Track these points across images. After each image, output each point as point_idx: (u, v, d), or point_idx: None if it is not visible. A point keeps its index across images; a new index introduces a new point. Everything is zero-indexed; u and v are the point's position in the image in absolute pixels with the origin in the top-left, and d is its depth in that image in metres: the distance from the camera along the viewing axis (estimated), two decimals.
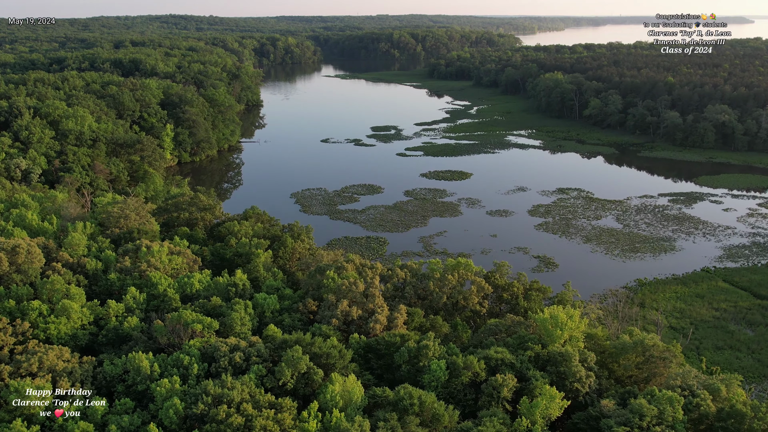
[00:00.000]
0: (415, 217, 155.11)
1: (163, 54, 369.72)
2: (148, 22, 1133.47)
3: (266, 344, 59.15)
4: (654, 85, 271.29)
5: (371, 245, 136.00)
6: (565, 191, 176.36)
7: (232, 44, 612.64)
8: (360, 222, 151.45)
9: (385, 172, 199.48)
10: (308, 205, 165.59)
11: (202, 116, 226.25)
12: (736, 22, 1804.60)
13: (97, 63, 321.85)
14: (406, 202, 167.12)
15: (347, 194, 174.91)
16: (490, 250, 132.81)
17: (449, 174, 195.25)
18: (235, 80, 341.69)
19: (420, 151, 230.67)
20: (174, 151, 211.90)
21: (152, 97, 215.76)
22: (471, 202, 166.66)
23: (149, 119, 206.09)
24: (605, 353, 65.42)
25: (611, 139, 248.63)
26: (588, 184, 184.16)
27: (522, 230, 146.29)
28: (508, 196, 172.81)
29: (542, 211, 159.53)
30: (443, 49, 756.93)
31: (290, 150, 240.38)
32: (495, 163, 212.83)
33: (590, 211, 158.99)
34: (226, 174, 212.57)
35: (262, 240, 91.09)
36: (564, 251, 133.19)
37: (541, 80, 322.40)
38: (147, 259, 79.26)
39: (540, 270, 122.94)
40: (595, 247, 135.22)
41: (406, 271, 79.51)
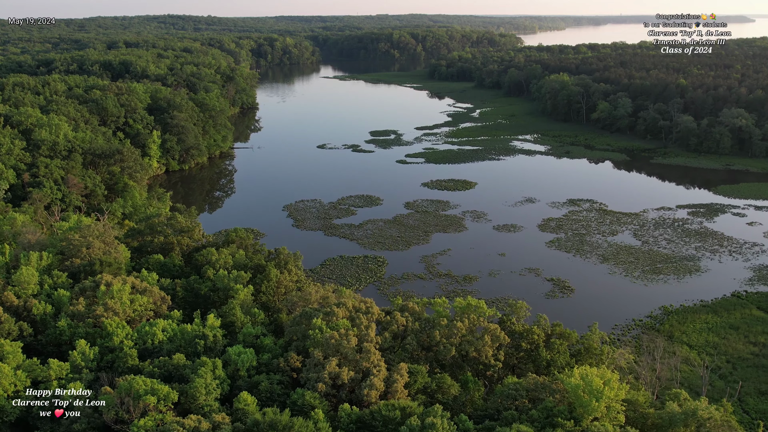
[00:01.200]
0: (416, 232, 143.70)
1: (156, 55, 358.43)
2: (145, 22, 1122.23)
3: (234, 424, 47.76)
4: (665, 87, 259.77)
5: (369, 266, 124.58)
6: (577, 203, 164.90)
7: (228, 45, 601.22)
8: (357, 239, 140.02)
9: (384, 182, 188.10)
10: (301, 219, 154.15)
11: (192, 121, 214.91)
12: (737, 21, 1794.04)
13: (85, 65, 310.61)
14: (406, 215, 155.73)
15: (344, 206, 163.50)
16: (499, 272, 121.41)
17: (452, 183, 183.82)
18: (229, 82, 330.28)
19: (421, 157, 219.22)
20: (161, 158, 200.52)
21: (138, 102, 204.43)
22: (476, 216, 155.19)
23: (135, 125, 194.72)
24: (648, 423, 54.09)
25: (621, 145, 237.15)
26: (600, 194, 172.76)
27: (532, 248, 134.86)
28: (515, 209, 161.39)
29: (553, 225, 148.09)
30: (444, 50, 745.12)
31: (285, 156, 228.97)
32: (500, 171, 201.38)
33: (605, 226, 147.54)
34: (217, 182, 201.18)
35: (242, 273, 79.68)
36: (579, 273, 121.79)
37: (546, 82, 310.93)
38: (105, 300, 67.94)
39: (554, 296, 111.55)
40: (613, 267, 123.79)
41: (407, 316, 68.08)
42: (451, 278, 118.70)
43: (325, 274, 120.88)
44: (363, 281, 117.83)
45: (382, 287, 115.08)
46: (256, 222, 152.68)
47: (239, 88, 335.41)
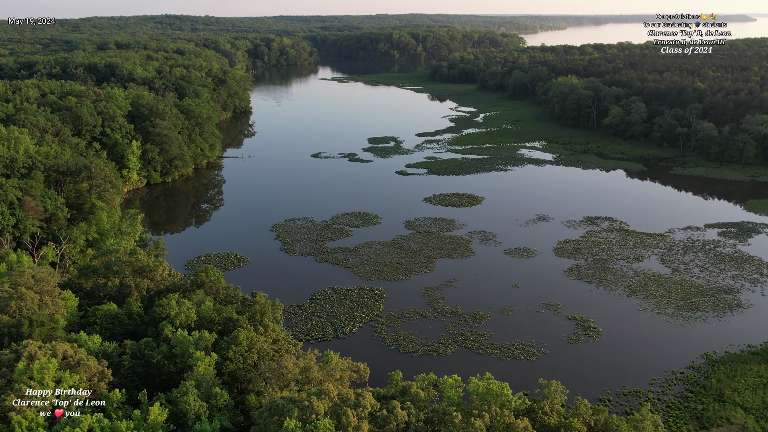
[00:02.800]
0: (418, 258, 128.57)
1: (145, 58, 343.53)
2: (142, 22, 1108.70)
3: None
4: (681, 91, 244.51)
5: (365, 300, 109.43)
6: (595, 221, 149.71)
7: (224, 46, 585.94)
8: (352, 266, 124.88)
9: (383, 196, 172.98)
10: (291, 241, 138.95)
11: (176, 129, 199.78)
12: (738, 21, 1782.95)
13: (69, 68, 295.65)
14: (407, 236, 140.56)
15: (338, 226, 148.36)
16: (512, 308, 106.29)
17: (457, 198, 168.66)
18: (221, 86, 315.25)
19: (422, 168, 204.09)
20: (142, 171, 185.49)
21: (117, 109, 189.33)
22: (484, 237, 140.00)
23: (113, 135, 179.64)
24: None
25: (636, 153, 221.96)
26: (619, 210, 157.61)
27: (549, 277, 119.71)
28: (527, 229, 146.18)
29: (570, 249, 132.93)
30: (445, 50, 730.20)
31: (276, 167, 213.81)
32: (508, 184, 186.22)
33: (628, 249, 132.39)
34: (203, 196, 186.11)
35: (206, 333, 64.57)
36: (604, 309, 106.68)
37: (553, 85, 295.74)
38: (23, 381, 52.95)
39: (578, 339, 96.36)
40: (643, 302, 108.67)
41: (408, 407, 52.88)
42: (458, 316, 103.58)
43: (315, 311, 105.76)
44: (357, 320, 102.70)
45: (380, 329, 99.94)
46: (240, 244, 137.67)
47: (231, 91, 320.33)
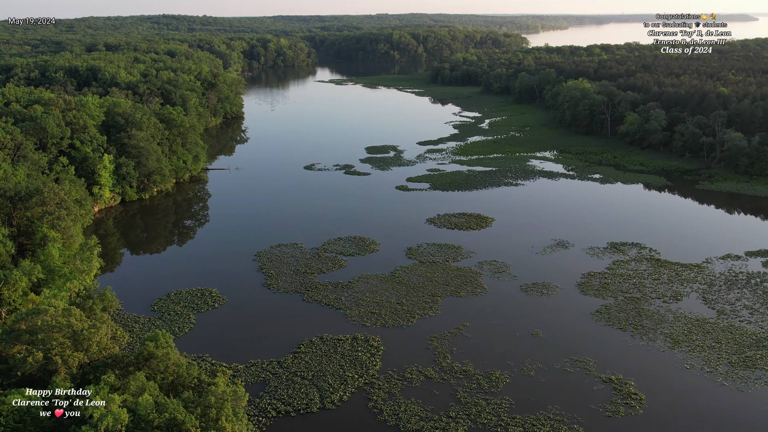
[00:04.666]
0: (421, 296, 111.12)
1: (132, 60, 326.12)
2: (138, 22, 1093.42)
3: None
4: (703, 96, 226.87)
5: (358, 355, 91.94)
6: (621, 248, 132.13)
7: (219, 46, 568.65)
8: (344, 306, 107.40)
9: (382, 217, 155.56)
10: (275, 274, 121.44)
11: (156, 140, 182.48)
12: (740, 20, 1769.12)
13: (49, 72, 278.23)
14: (408, 268, 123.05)
15: (330, 254, 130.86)
16: (535, 365, 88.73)
17: (464, 219, 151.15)
18: (211, 90, 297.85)
19: (425, 182, 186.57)
20: (116, 187, 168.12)
21: (89, 119, 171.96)
22: (497, 269, 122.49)
23: (82, 148, 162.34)
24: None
25: (656, 164, 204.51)
26: (647, 234, 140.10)
27: (575, 322, 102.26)
28: (545, 258, 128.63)
29: (596, 284, 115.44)
30: (446, 51, 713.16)
31: (265, 180, 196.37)
32: (520, 201, 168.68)
33: (663, 285, 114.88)
34: (183, 214, 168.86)
35: None
36: (644, 366, 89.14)
37: (563, 89, 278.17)
38: None
39: (616, 412, 78.72)
40: (688, 356, 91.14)
41: None
42: (470, 377, 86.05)
43: (299, 370, 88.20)
44: (349, 383, 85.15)
45: (375, 396, 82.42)
46: (217, 277, 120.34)
47: (222, 95, 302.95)
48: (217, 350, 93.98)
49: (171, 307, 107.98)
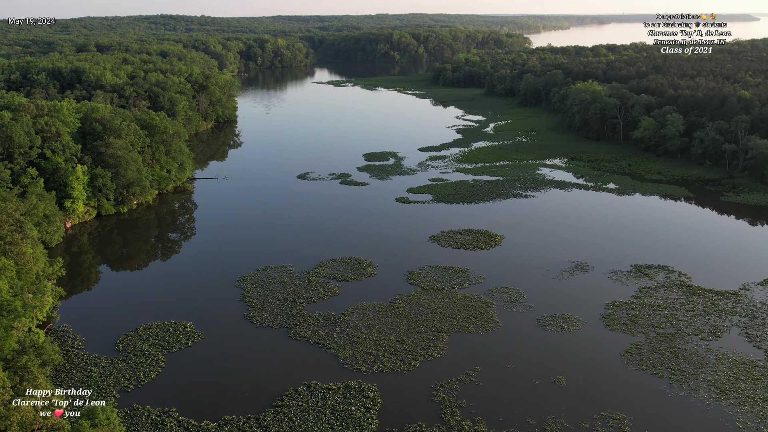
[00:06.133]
0: (423, 331, 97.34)
1: (121, 61, 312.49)
2: (136, 22, 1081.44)
3: None
4: (723, 100, 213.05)
5: (350, 410, 78.14)
6: (646, 272, 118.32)
7: (214, 47, 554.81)
8: (335, 345, 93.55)
9: (380, 234, 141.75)
10: (259, 304, 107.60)
11: (136, 149, 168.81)
12: (742, 20, 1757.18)
13: (30, 74, 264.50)
14: (409, 297, 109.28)
15: (322, 279, 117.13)
16: (560, 425, 74.87)
17: (471, 237, 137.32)
18: (202, 92, 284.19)
19: (427, 193, 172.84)
20: (90, 200, 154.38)
21: (63, 126, 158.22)
22: (509, 297, 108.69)
23: (54, 158, 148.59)
24: None
25: (675, 173, 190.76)
26: (673, 255, 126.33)
27: (602, 366, 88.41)
28: (563, 283, 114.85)
29: (623, 316, 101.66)
30: (447, 51, 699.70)
31: (254, 191, 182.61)
32: (531, 215, 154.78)
33: (698, 317, 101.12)
34: (167, 227, 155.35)
35: None
36: (688, 424, 75.38)
37: (572, 91, 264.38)
38: None
39: None
40: (738, 411, 77.34)
41: None
42: None
43: (280, 430, 74.43)
44: None
45: None
46: (194, 307, 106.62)
47: (214, 98, 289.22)
48: (186, 402, 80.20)
49: (138, 345, 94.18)
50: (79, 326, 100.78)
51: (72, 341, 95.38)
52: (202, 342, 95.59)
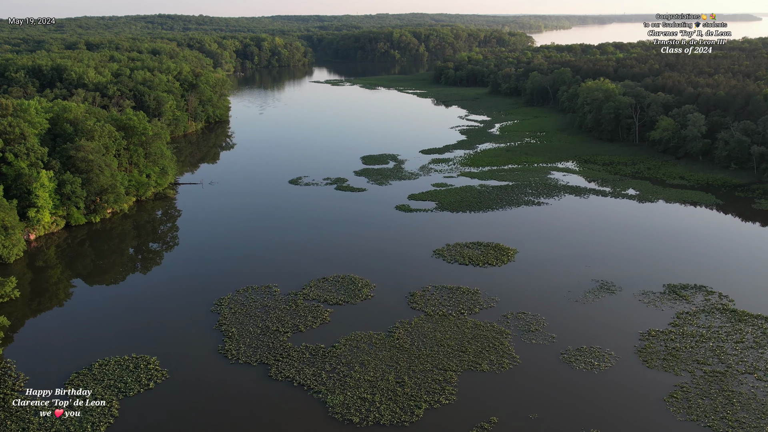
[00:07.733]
0: (428, 369, 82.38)
1: (107, 59, 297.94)
2: (133, 22, 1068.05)
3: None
4: (748, 99, 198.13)
5: None
6: (682, 294, 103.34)
7: (210, 45, 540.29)
8: (324, 389, 78.50)
9: (378, 248, 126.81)
10: (237, 333, 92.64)
11: (111, 152, 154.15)
12: (743, 20, 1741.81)
13: (9, 71, 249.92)
14: (411, 325, 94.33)
15: (310, 302, 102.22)
16: None
17: (480, 251, 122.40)
18: (191, 91, 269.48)
19: (430, 200, 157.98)
20: (58, 209, 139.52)
21: (29, 128, 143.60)
22: (527, 325, 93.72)
23: (16, 162, 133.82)
24: None
25: (698, 177, 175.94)
26: (711, 273, 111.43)
27: (642, 416, 73.38)
28: (588, 308, 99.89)
29: (661, 350, 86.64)
30: (449, 50, 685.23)
31: (242, 198, 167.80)
32: (546, 225, 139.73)
33: (749, 350, 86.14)
34: (142, 239, 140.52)
35: None
36: None
37: (582, 90, 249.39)
38: None
39: None
40: None
41: None
42: None
43: None
44: None
45: None
46: (161, 338, 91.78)
47: (204, 97, 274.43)
48: None
49: (90, 386, 79.32)
50: (24, 362, 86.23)
51: (13, 382, 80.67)
52: (165, 383, 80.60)
